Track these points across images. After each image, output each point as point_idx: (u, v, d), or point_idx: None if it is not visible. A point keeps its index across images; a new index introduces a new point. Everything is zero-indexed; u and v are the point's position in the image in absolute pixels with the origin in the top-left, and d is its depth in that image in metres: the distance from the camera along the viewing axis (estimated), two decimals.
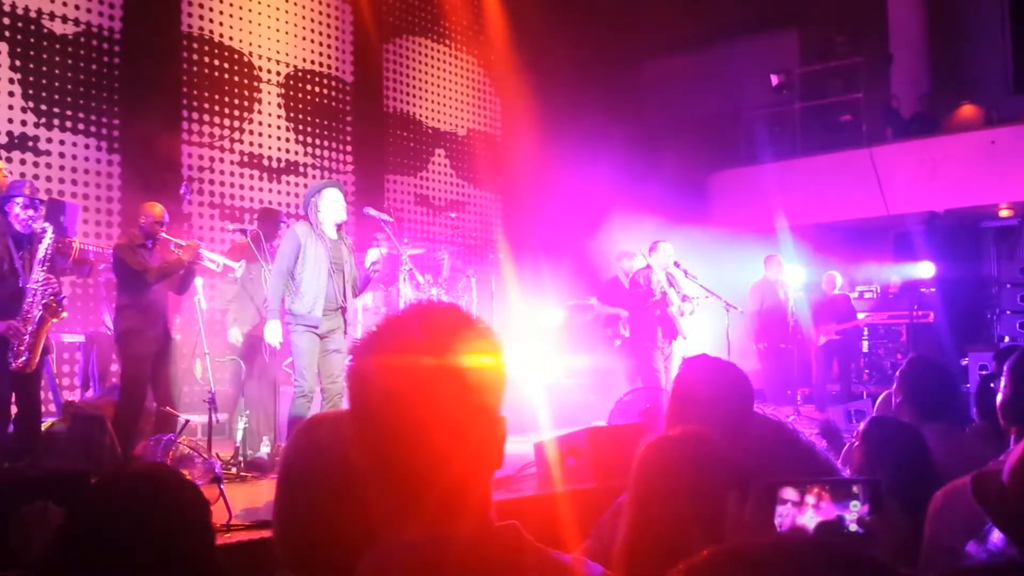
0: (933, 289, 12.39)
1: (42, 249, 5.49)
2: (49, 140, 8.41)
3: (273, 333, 5.89)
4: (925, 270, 12.47)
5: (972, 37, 13.99)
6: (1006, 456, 1.83)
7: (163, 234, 6.27)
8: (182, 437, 5.53)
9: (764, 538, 0.95)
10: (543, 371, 8.81)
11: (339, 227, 6.12)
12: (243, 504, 4.70)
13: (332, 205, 6.00)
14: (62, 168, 8.49)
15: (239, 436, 6.54)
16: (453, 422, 1.11)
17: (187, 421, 6.00)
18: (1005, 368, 2.43)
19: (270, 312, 5.94)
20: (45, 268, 5.49)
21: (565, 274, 10.94)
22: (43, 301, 5.43)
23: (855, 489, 1.44)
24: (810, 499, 1.41)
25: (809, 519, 1.42)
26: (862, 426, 2.62)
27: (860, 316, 11.54)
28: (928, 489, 2.28)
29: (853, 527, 1.40)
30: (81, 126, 8.65)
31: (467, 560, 1.09)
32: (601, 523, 2.41)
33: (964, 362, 9.57)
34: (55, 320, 5.52)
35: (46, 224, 5.55)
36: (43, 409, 5.90)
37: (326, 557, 1.38)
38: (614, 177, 11.24)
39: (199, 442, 5.95)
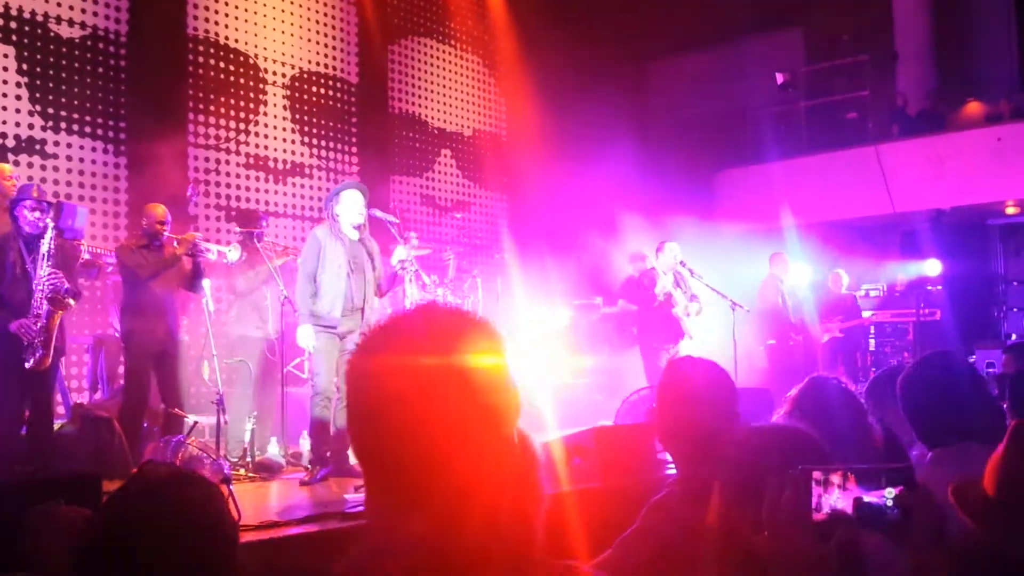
0: (940, 287, 12.37)
1: (44, 244, 5.52)
2: (56, 143, 8.44)
3: (306, 337, 5.87)
4: (932, 268, 12.44)
5: (978, 34, 13.96)
6: None
7: (167, 233, 6.30)
8: (191, 438, 5.55)
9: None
10: (549, 371, 8.82)
11: (360, 228, 6.12)
12: (252, 505, 4.73)
13: (349, 208, 6.02)
14: (69, 171, 8.52)
15: (247, 437, 6.55)
16: (455, 424, 1.08)
17: (195, 423, 6.02)
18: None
19: (301, 317, 5.93)
20: (49, 263, 5.52)
21: (571, 274, 10.94)
22: (48, 295, 5.47)
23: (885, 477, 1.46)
24: (835, 479, 1.44)
25: (837, 500, 1.44)
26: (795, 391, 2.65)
27: (866, 315, 11.53)
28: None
29: (890, 512, 1.43)
30: (88, 129, 8.68)
31: (466, 565, 1.06)
32: (626, 539, 2.38)
33: (972, 359, 9.58)
34: (62, 312, 5.54)
35: (48, 221, 5.58)
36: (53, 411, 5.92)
37: None
38: (620, 177, 11.23)
39: (208, 442, 5.99)
